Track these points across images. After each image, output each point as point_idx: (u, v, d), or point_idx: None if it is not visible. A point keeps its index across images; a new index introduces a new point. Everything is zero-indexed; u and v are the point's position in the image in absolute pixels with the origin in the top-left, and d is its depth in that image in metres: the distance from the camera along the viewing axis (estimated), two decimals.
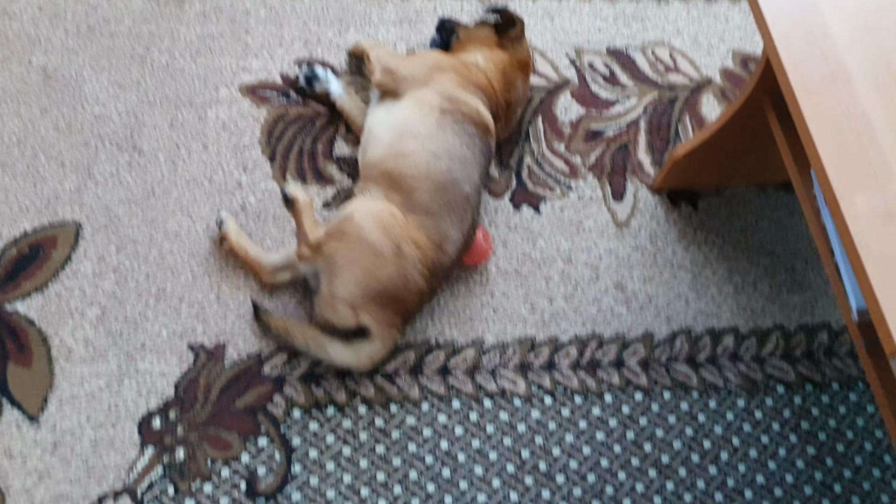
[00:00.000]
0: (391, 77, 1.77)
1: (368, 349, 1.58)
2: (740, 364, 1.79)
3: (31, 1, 2.04)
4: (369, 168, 1.68)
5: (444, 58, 1.83)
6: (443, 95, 1.71)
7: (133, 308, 1.68)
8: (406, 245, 1.55)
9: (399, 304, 1.57)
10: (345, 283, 1.56)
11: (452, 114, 1.68)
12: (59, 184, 1.80)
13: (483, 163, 1.72)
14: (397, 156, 1.64)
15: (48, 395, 1.58)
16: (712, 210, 1.97)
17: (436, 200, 1.61)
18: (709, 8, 2.29)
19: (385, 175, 1.64)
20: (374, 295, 1.55)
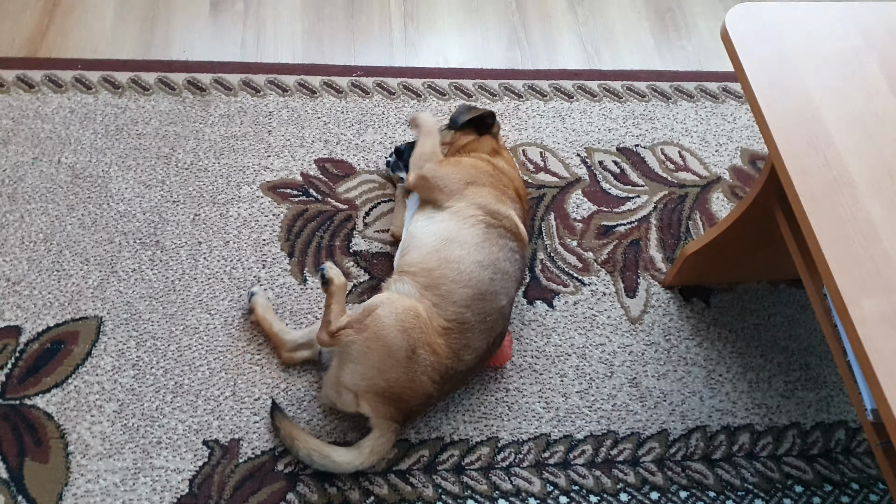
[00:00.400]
0: (425, 184, 1.80)
1: (370, 443, 1.59)
2: (757, 462, 1.77)
3: (63, 103, 2.13)
4: (409, 267, 1.70)
5: (482, 167, 1.84)
6: (484, 209, 1.74)
7: (150, 403, 1.70)
8: (422, 349, 1.56)
9: (402, 402, 1.58)
10: (352, 374, 1.57)
11: (497, 228, 1.72)
12: (83, 279, 1.84)
13: (520, 277, 1.76)
14: (441, 260, 1.66)
15: (63, 491, 1.59)
16: (725, 306, 1.98)
17: (471, 308, 1.62)
18: (716, 108, 2.36)
19: (425, 272, 1.66)
20: (379, 391, 1.57)
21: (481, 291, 1.64)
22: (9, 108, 2.11)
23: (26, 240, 1.89)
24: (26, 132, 2.07)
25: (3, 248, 1.87)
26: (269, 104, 2.21)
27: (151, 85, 2.20)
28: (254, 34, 2.39)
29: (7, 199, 1.95)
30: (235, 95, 2.21)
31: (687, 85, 2.40)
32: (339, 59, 2.36)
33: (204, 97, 2.19)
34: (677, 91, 2.38)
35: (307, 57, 2.36)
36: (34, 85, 2.17)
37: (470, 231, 1.70)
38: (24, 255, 1.86)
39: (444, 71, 2.36)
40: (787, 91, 1.31)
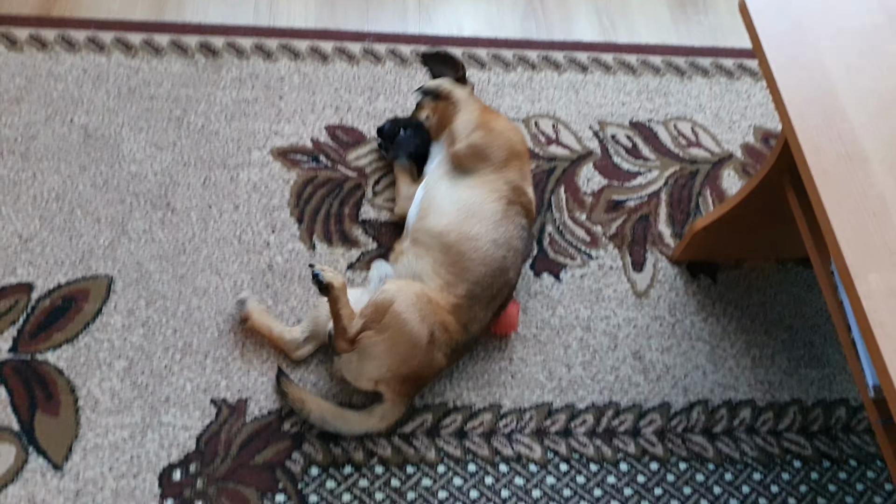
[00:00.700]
0: (475, 154, 1.79)
1: (380, 410, 1.62)
2: (757, 437, 1.78)
3: (76, 63, 2.14)
4: (426, 235, 1.71)
5: (520, 138, 1.87)
6: (510, 185, 1.76)
7: (159, 362, 1.72)
8: (437, 331, 1.58)
9: (419, 380, 1.62)
10: (377, 368, 1.59)
11: (516, 206, 1.74)
12: (94, 238, 1.86)
13: (526, 252, 1.79)
14: (461, 235, 1.67)
15: (73, 445, 1.61)
16: (731, 283, 1.99)
17: (482, 284, 1.64)
18: (731, 84, 2.35)
19: (444, 248, 1.67)
20: (400, 377, 1.59)
21: (494, 269, 1.66)
22: (22, 67, 2.11)
23: (38, 198, 1.90)
24: (39, 91, 2.08)
25: (16, 205, 1.88)
26: (280, 69, 2.21)
27: (164, 47, 2.20)
28: None
29: (20, 157, 1.96)
30: (247, 59, 2.21)
31: (702, 60, 2.39)
32: (352, 25, 2.36)
33: (216, 60, 2.19)
34: (692, 66, 2.37)
35: (320, 22, 2.35)
36: (47, 44, 2.17)
37: (491, 207, 1.71)
38: (37, 213, 1.88)
39: (458, 39, 2.35)
40: (804, 65, 1.31)
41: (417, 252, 1.70)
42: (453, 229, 1.68)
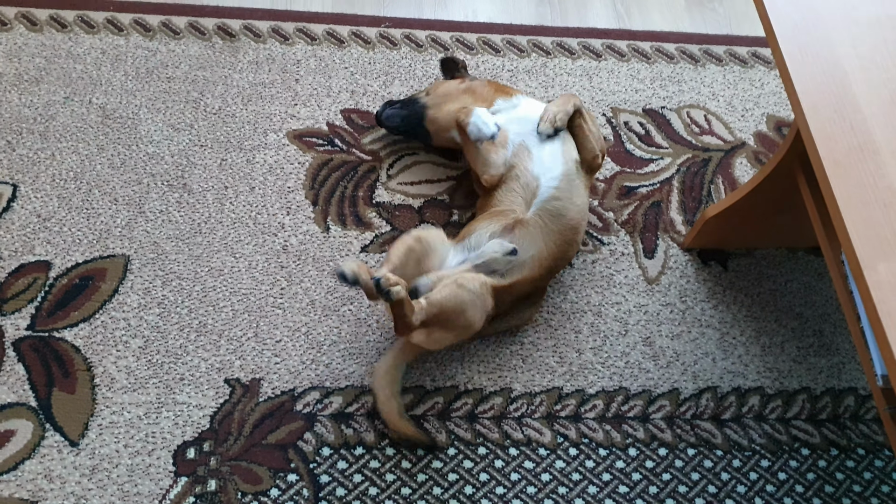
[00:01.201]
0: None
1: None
2: (765, 424, 1.80)
3: (95, 44, 2.15)
4: (557, 215, 1.75)
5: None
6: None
7: (174, 341, 1.75)
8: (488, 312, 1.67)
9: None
10: (433, 345, 1.68)
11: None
12: (112, 218, 1.88)
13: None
14: (580, 229, 1.82)
15: (89, 422, 1.64)
16: (742, 270, 2.00)
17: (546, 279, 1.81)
18: (744, 73, 2.35)
19: (563, 237, 1.76)
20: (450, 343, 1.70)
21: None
22: (42, 48, 2.13)
23: (57, 177, 1.93)
24: (58, 72, 2.10)
25: (35, 184, 1.91)
26: (297, 53, 2.22)
27: (182, 29, 2.22)
28: None
29: (39, 136, 1.98)
30: (264, 42, 2.22)
31: (716, 48, 2.38)
32: (369, 10, 2.36)
33: (233, 43, 2.21)
34: (706, 54, 2.37)
35: (337, 6, 2.36)
36: (66, 25, 2.19)
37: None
38: (55, 193, 1.90)
39: (473, 25, 2.36)
40: (817, 55, 1.31)
41: (539, 229, 1.74)
42: (581, 221, 1.80)
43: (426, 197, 2.02)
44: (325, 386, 1.74)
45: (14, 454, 1.59)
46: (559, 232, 1.74)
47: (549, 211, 1.74)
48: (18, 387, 1.66)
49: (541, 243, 1.72)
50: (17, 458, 1.59)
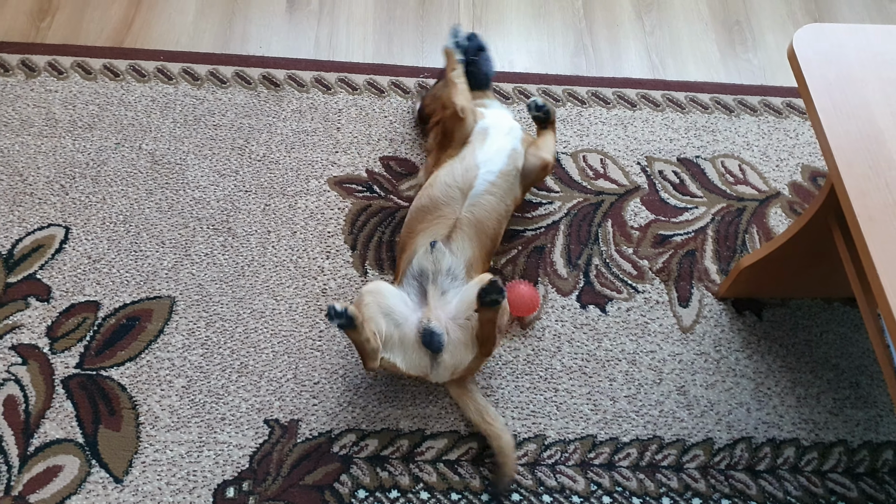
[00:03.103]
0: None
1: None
2: (801, 477, 1.79)
3: (146, 92, 2.24)
4: (478, 217, 1.83)
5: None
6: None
7: (217, 381, 1.79)
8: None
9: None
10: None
11: None
12: (159, 260, 1.95)
13: None
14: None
15: (133, 459, 1.69)
16: (777, 320, 2.00)
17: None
18: (779, 123, 2.37)
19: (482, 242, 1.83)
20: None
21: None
22: (95, 95, 2.23)
23: (107, 220, 2.00)
24: (110, 118, 2.19)
25: (86, 227, 1.98)
26: (338, 102, 2.29)
27: (229, 78, 2.30)
28: (327, 33, 2.47)
29: (91, 181, 2.06)
30: (307, 92, 2.30)
31: (751, 99, 2.41)
32: (408, 60, 2.43)
33: (278, 92, 2.29)
34: (741, 104, 2.40)
35: (377, 57, 2.44)
36: (119, 73, 2.28)
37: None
38: (105, 235, 1.98)
39: (509, 75, 2.42)
40: (851, 113, 1.34)
41: (467, 235, 1.79)
42: (499, 231, 1.88)
43: None
44: (361, 428, 1.76)
45: (61, 489, 1.64)
46: (480, 241, 1.79)
47: (476, 215, 1.79)
48: (66, 423, 1.71)
49: (473, 246, 1.78)
50: (64, 493, 1.64)
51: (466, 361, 1.67)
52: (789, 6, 2.69)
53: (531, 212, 2.11)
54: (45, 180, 2.05)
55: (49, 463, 1.67)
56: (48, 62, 2.29)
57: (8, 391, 1.75)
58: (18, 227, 1.97)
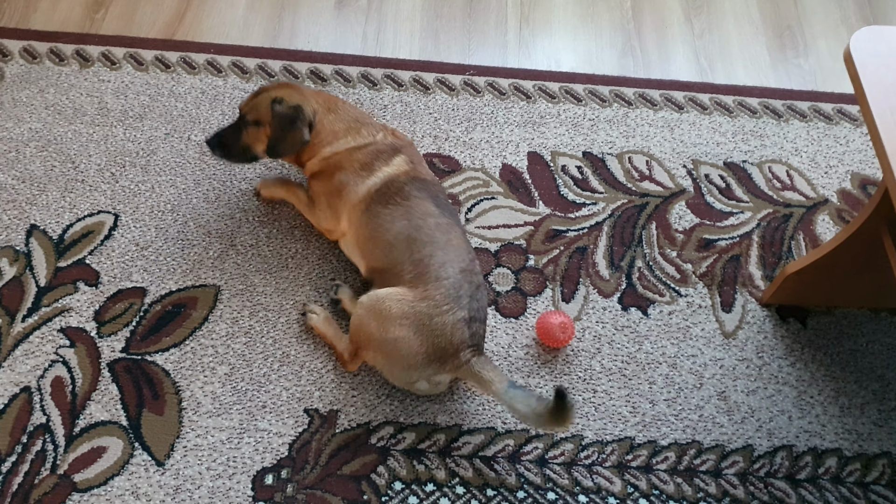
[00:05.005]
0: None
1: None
2: (842, 488, 1.76)
3: (196, 84, 2.28)
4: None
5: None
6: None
7: (259, 369, 1.81)
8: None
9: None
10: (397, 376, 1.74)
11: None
12: (205, 250, 1.98)
13: None
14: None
15: (175, 443, 1.72)
16: (822, 329, 1.97)
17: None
18: (829, 129, 2.33)
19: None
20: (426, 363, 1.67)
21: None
22: (146, 86, 2.27)
23: (155, 209, 2.04)
24: (160, 109, 2.23)
25: (135, 214, 2.02)
26: (384, 98, 2.30)
27: (277, 72, 2.33)
28: (374, 29, 2.49)
29: (140, 170, 2.10)
30: (354, 87, 2.32)
31: (800, 104, 2.38)
32: (454, 58, 2.44)
33: (324, 87, 2.31)
34: (790, 110, 2.37)
35: (423, 54, 2.45)
36: (170, 65, 2.32)
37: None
38: (153, 223, 2.01)
39: (556, 74, 2.41)
40: None
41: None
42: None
43: (503, 241, 2.06)
44: (399, 421, 1.77)
45: (104, 470, 1.67)
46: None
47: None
48: (111, 406, 1.75)
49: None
50: (107, 473, 1.67)
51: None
52: (843, 10, 2.64)
53: (574, 212, 2.11)
54: (97, 168, 2.10)
55: (93, 444, 1.70)
56: (102, 53, 2.33)
57: (56, 372, 1.79)
58: (69, 213, 2.01)
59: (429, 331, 1.62)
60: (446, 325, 1.62)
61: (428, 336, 1.62)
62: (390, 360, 1.68)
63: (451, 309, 1.63)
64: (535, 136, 2.25)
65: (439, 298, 1.64)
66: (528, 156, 2.21)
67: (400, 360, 1.66)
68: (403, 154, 1.86)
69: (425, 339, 1.62)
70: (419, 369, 1.65)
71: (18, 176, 2.06)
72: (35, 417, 1.73)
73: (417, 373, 1.66)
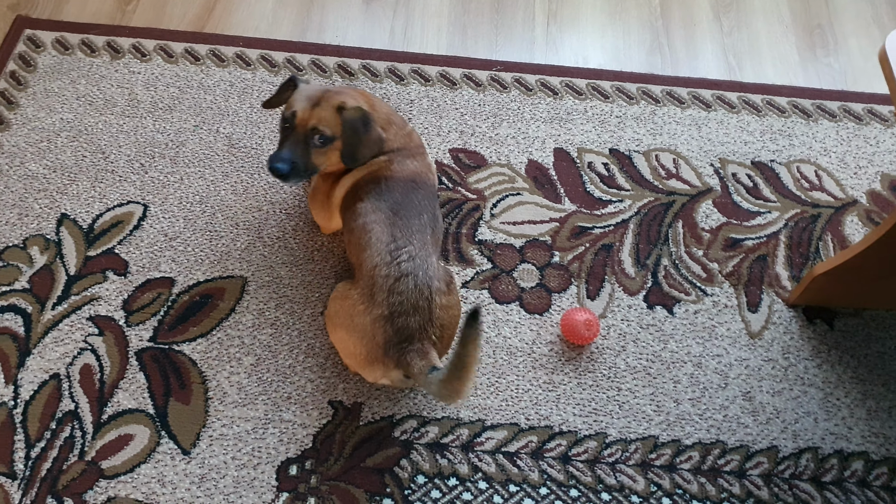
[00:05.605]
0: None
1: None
2: (869, 491, 1.74)
3: (225, 77, 2.29)
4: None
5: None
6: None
7: (284, 361, 1.83)
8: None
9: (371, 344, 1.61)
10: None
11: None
12: (232, 241, 1.99)
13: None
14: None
15: (201, 432, 1.73)
16: (849, 331, 1.95)
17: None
18: (859, 130, 2.31)
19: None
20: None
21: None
22: (176, 78, 2.29)
23: (184, 200, 2.05)
24: (190, 101, 2.24)
25: (164, 205, 2.04)
26: (411, 93, 2.31)
27: (305, 66, 2.34)
28: (402, 24, 2.49)
29: (170, 161, 2.12)
30: (381, 82, 2.32)
31: (830, 104, 2.36)
32: (481, 53, 2.44)
33: (352, 81, 2.31)
34: (819, 109, 2.34)
35: (450, 49, 2.45)
36: (199, 58, 2.34)
37: None
38: (182, 214, 2.03)
39: (583, 71, 2.40)
40: None
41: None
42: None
43: (528, 237, 2.06)
44: (422, 415, 1.78)
45: (131, 457, 1.69)
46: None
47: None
48: (139, 394, 1.77)
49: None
50: (134, 461, 1.69)
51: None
52: (875, 9, 2.61)
53: (600, 209, 2.10)
54: (126, 158, 2.12)
55: (121, 431, 1.73)
56: (132, 44, 2.36)
57: (84, 360, 1.81)
58: (99, 203, 2.03)
59: (355, 331, 1.61)
60: (366, 324, 1.59)
61: (358, 336, 1.60)
62: (348, 359, 1.68)
63: (368, 308, 1.60)
64: (562, 133, 2.25)
65: (356, 297, 1.62)
66: (554, 152, 2.21)
67: (352, 361, 1.66)
68: (388, 155, 1.80)
69: (357, 339, 1.61)
70: (367, 368, 1.63)
71: (50, 165, 2.09)
72: (64, 404, 1.75)
73: (369, 372, 1.64)
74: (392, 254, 1.63)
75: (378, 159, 1.79)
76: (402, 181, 1.76)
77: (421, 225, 1.71)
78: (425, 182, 1.81)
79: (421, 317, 1.59)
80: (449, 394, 1.47)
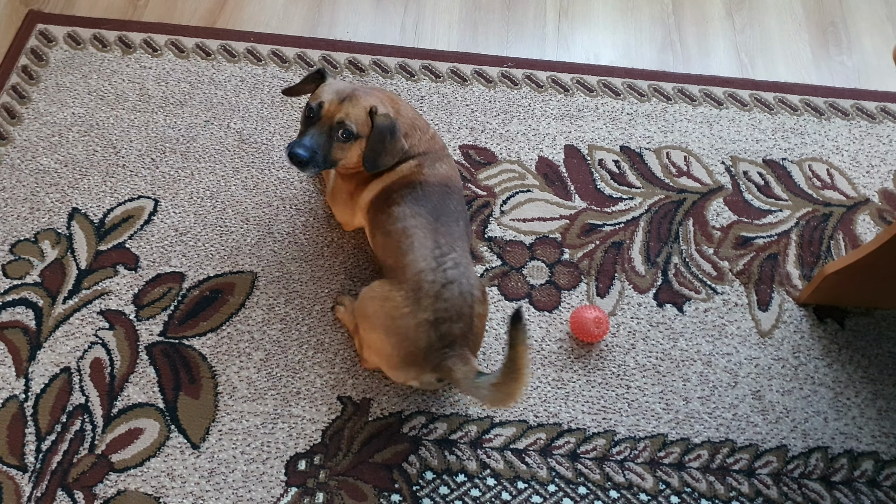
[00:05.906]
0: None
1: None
2: (879, 491, 1.74)
3: (236, 72, 2.30)
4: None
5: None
6: None
7: (293, 356, 1.83)
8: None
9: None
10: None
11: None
12: (242, 237, 2.00)
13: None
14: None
15: (210, 427, 1.74)
16: (860, 330, 1.94)
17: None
18: (872, 128, 2.30)
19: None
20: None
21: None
22: (187, 73, 2.29)
23: (195, 195, 2.06)
24: (201, 96, 2.25)
25: (174, 200, 2.05)
26: (421, 89, 2.31)
27: (316, 62, 2.34)
28: (413, 20, 2.49)
29: (180, 156, 2.12)
30: (392, 78, 2.32)
31: (842, 102, 2.35)
32: (492, 49, 2.44)
33: (362, 77, 2.31)
34: (832, 107, 2.33)
35: (461, 45, 2.44)
36: (210, 53, 2.34)
37: None
38: (192, 209, 2.03)
39: (594, 68, 2.40)
40: None
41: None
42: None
43: (538, 234, 2.05)
44: (430, 411, 1.78)
45: (141, 451, 1.70)
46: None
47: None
48: (149, 388, 1.77)
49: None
50: (144, 455, 1.70)
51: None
52: (889, 7, 2.60)
53: (610, 206, 2.10)
54: (137, 153, 2.12)
55: (131, 425, 1.73)
56: (144, 39, 2.36)
57: (95, 354, 1.82)
58: (110, 198, 2.04)
59: (395, 333, 1.60)
60: (409, 328, 1.58)
61: (398, 339, 1.60)
62: (379, 359, 1.68)
63: (413, 311, 1.59)
64: (573, 130, 2.24)
65: (399, 301, 1.61)
66: (564, 149, 2.20)
67: (383, 361, 1.66)
68: (417, 159, 1.80)
69: (396, 341, 1.60)
70: (401, 370, 1.64)
71: (61, 160, 2.10)
72: (74, 398, 1.76)
73: (401, 374, 1.65)
74: (437, 260, 1.64)
75: (408, 163, 1.79)
76: (436, 186, 1.77)
77: (460, 232, 1.74)
78: (457, 186, 1.83)
79: (464, 324, 1.61)
80: (503, 397, 1.49)
